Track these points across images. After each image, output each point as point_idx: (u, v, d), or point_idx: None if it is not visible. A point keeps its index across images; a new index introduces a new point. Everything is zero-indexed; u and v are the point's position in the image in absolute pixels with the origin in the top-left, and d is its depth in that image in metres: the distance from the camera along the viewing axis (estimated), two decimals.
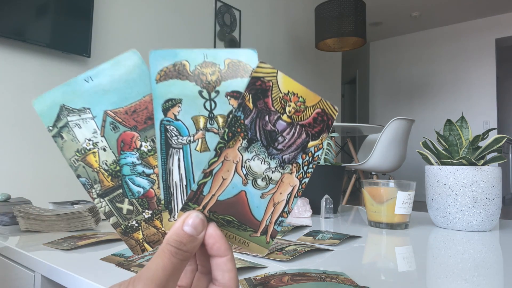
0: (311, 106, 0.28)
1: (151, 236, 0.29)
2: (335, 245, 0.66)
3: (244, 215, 0.28)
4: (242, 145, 0.27)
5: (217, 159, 0.27)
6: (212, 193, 0.27)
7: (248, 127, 0.27)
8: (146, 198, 0.29)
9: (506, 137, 0.85)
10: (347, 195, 3.40)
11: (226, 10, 3.24)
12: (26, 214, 0.76)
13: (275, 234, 0.29)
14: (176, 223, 0.25)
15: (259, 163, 0.27)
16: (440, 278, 0.51)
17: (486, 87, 5.13)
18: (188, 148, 0.28)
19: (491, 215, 0.83)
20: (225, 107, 0.27)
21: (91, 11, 2.23)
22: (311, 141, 0.28)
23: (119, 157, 0.29)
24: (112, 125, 0.28)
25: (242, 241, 0.28)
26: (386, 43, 6.04)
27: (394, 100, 5.93)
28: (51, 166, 2.15)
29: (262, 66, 0.27)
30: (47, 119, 0.28)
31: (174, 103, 0.27)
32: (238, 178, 0.27)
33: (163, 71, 0.27)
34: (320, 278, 0.44)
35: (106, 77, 0.28)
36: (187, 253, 0.24)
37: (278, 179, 0.28)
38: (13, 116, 2.02)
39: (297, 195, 0.29)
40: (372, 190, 0.87)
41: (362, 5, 3.40)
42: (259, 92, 0.27)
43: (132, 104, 0.28)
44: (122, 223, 0.29)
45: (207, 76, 0.27)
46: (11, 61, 2.01)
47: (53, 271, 0.52)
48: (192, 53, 0.27)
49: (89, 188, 0.29)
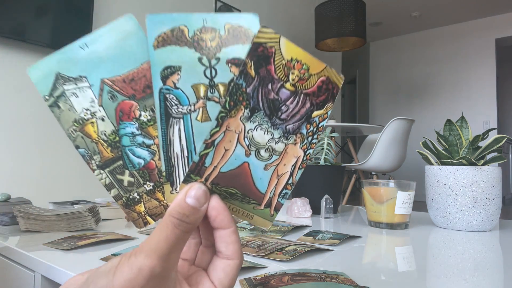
0: (315, 74, 0.26)
1: (153, 209, 0.29)
2: (335, 245, 0.66)
3: (247, 187, 0.27)
4: (244, 114, 0.26)
5: (218, 129, 0.26)
6: (215, 165, 0.26)
7: (251, 95, 0.26)
8: (147, 169, 0.28)
9: (506, 137, 0.85)
10: (347, 195, 3.40)
11: (226, 10, 3.24)
12: (26, 214, 0.76)
13: (279, 206, 0.28)
14: (178, 195, 0.24)
15: (262, 133, 0.26)
16: (440, 278, 0.51)
17: (486, 87, 5.13)
18: (188, 118, 0.27)
19: (491, 215, 0.83)
20: (226, 74, 0.26)
21: (91, 11, 2.23)
22: (315, 110, 0.27)
23: (118, 127, 0.28)
24: (110, 94, 0.27)
25: (245, 213, 0.28)
26: (386, 43, 6.04)
27: (394, 100, 5.93)
28: (51, 166, 2.15)
29: (264, 31, 0.25)
30: (43, 87, 0.27)
31: (173, 70, 0.26)
32: (241, 149, 0.26)
33: (160, 37, 0.26)
34: (320, 278, 0.44)
35: (102, 44, 0.27)
36: (190, 225, 0.24)
37: (281, 150, 0.27)
38: (13, 116, 2.02)
39: (301, 167, 0.28)
40: (372, 190, 0.87)
41: (362, 5, 3.40)
42: (261, 58, 0.26)
43: (130, 72, 0.27)
44: (123, 195, 0.29)
45: (207, 42, 0.26)
46: (11, 61, 2.01)
47: (53, 271, 0.52)
48: (190, 18, 0.26)
49: (88, 160, 0.28)
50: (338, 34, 3.34)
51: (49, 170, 2.14)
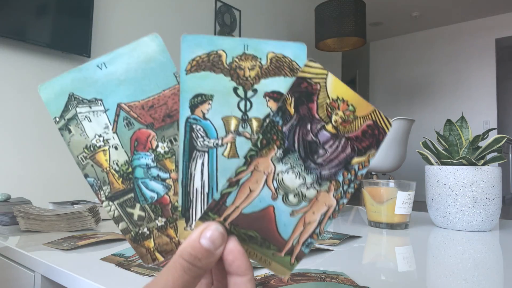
0: (361, 117, 0.24)
1: (163, 246, 0.27)
2: (335, 245, 0.66)
3: (269, 232, 0.24)
4: (276, 155, 0.24)
5: (246, 168, 0.23)
6: (236, 205, 0.24)
7: (286, 135, 0.24)
8: (160, 204, 0.26)
9: (506, 137, 0.85)
10: None
11: (226, 10, 3.24)
12: (26, 214, 0.76)
13: (302, 256, 0.25)
14: (192, 234, 0.22)
15: (293, 177, 0.24)
16: (440, 278, 0.51)
17: (486, 87, 5.13)
18: (214, 152, 0.25)
19: (491, 215, 0.83)
20: (262, 109, 0.24)
21: (91, 11, 2.23)
22: (356, 157, 0.24)
23: (132, 158, 0.26)
24: (126, 120, 0.26)
25: (263, 259, 0.25)
26: (386, 43, 6.04)
27: (394, 100, 5.93)
28: (51, 166, 2.15)
29: (311, 65, 0.23)
30: (54, 108, 0.25)
31: (204, 99, 0.24)
32: (267, 192, 0.24)
33: (195, 61, 0.24)
34: (320, 278, 0.44)
35: (122, 65, 0.25)
36: (201, 270, 0.22)
37: (312, 196, 0.24)
38: (13, 116, 2.02)
39: (332, 217, 0.25)
40: (372, 190, 0.87)
41: (362, 5, 3.40)
42: (303, 95, 0.23)
43: (150, 98, 0.25)
44: (132, 230, 0.26)
45: (245, 71, 0.24)
46: (11, 61, 2.01)
47: (53, 271, 0.52)
48: (231, 42, 0.24)
49: (97, 190, 0.26)
50: (338, 34, 3.34)
51: (49, 170, 2.14)
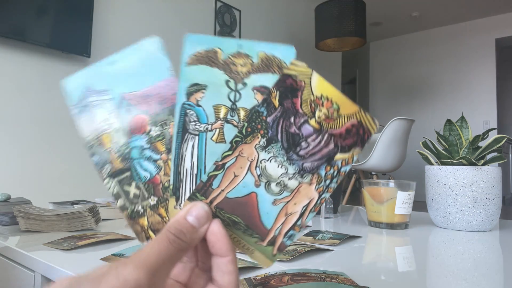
0: (346, 115, 0.25)
1: (156, 224, 0.29)
2: (335, 245, 0.66)
3: (252, 218, 0.26)
4: (260, 143, 0.25)
5: (231, 153, 0.25)
6: (222, 188, 0.26)
7: (270, 125, 0.25)
8: (152, 183, 0.29)
9: (506, 137, 0.85)
10: (347, 195, 3.40)
11: (226, 10, 3.24)
12: (26, 214, 0.76)
13: (284, 247, 0.26)
14: (180, 212, 0.24)
15: (275, 166, 0.26)
16: (440, 278, 0.51)
17: (486, 87, 5.12)
18: (204, 136, 0.27)
19: (491, 215, 0.83)
20: (249, 100, 0.27)
21: (91, 11, 2.23)
22: (339, 153, 0.26)
23: (129, 140, 0.29)
24: (127, 107, 0.29)
25: (246, 246, 0.26)
26: (386, 43, 6.04)
27: (394, 100, 5.93)
28: (51, 166, 2.15)
29: (297, 63, 0.25)
30: (74, 97, 0.30)
31: (198, 88, 0.27)
32: (251, 178, 0.26)
33: (195, 56, 0.27)
34: (320, 278, 0.44)
35: (127, 62, 0.29)
36: (185, 244, 0.23)
37: (294, 187, 0.26)
38: (13, 116, 2.02)
39: (313, 210, 0.26)
40: (372, 190, 0.87)
41: (362, 5, 3.40)
42: (288, 90, 0.25)
43: (147, 88, 0.29)
44: (128, 207, 0.29)
45: (238, 67, 0.27)
46: (11, 61, 2.01)
47: (53, 271, 0.52)
48: (227, 42, 0.27)
49: (100, 168, 0.29)
50: (338, 34, 3.34)
51: (49, 170, 2.14)
